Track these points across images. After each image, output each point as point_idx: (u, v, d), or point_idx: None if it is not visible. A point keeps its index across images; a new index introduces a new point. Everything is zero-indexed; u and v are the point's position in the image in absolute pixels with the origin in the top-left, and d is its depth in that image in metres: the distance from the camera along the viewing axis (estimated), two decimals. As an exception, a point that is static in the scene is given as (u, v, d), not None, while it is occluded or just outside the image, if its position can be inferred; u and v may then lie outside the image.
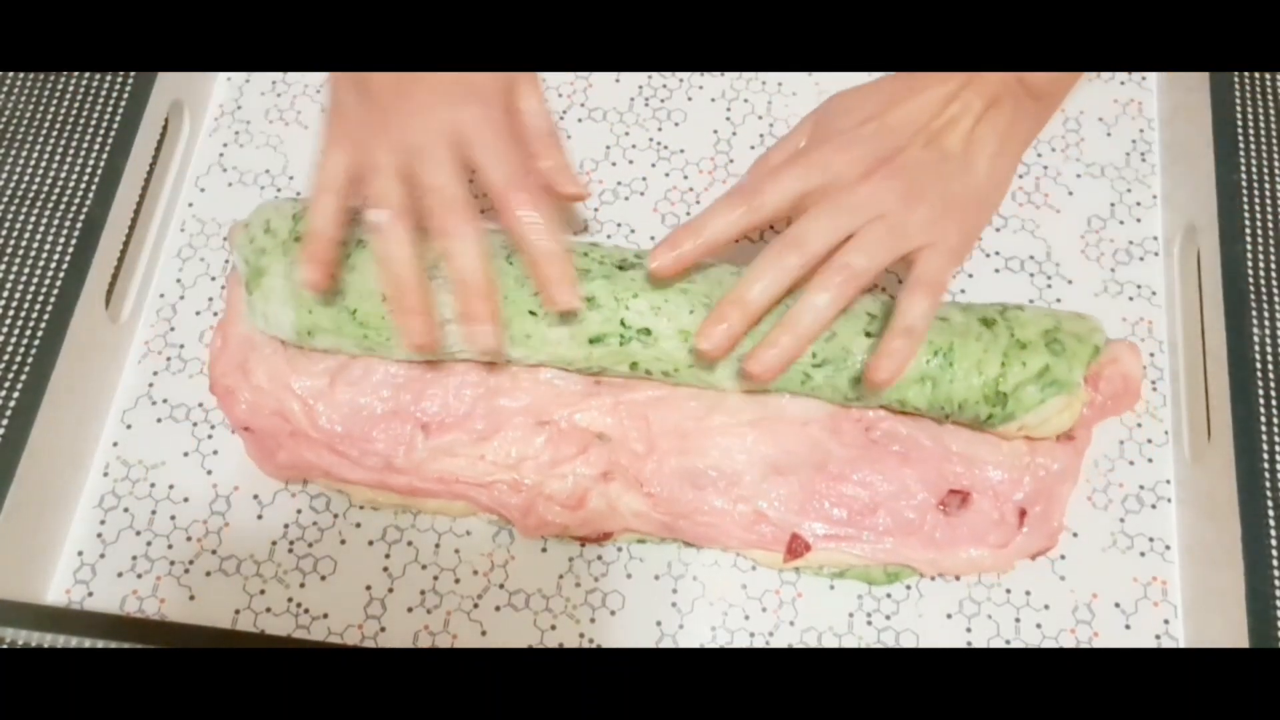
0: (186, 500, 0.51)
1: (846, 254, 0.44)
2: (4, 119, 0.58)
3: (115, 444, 0.52)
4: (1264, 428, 0.49)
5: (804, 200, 0.45)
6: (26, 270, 0.54)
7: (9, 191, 0.56)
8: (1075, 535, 0.50)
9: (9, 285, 0.53)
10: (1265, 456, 0.47)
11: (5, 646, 0.47)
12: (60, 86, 0.60)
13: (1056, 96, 0.49)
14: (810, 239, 0.44)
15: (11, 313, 0.53)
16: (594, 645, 0.48)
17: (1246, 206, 0.55)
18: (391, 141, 0.44)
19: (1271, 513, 0.48)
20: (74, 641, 0.45)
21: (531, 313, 0.46)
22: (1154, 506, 0.50)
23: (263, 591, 0.49)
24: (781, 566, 0.48)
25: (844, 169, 0.44)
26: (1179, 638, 0.48)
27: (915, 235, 0.44)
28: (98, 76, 0.56)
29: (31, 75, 0.60)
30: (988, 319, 0.47)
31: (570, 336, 0.47)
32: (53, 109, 0.59)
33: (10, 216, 0.55)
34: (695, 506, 0.48)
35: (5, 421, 0.49)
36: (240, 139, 0.59)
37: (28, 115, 0.59)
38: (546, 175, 0.47)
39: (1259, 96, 0.58)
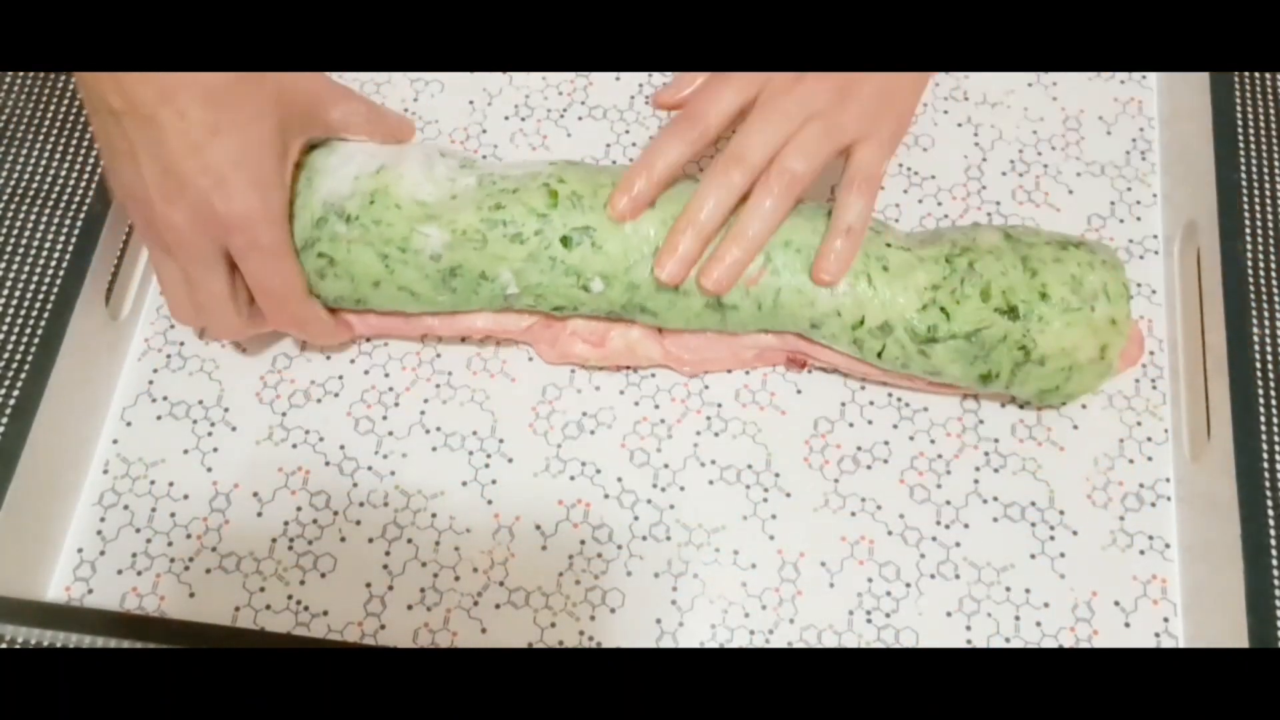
0: (186, 497, 0.51)
1: (784, 159, 0.45)
2: (4, 119, 0.58)
3: (115, 441, 0.52)
4: (1264, 427, 0.49)
5: (744, 113, 0.46)
6: (27, 268, 0.54)
7: (9, 191, 0.56)
8: (1075, 534, 0.50)
9: (9, 283, 0.53)
10: (1265, 455, 0.47)
11: (5, 644, 0.47)
12: (60, 86, 0.60)
13: None
14: (750, 151, 0.45)
15: (12, 310, 0.53)
16: (594, 643, 0.48)
17: (1246, 205, 0.55)
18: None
19: (1271, 512, 0.48)
20: (74, 639, 0.45)
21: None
22: (1154, 505, 0.50)
23: (262, 589, 0.49)
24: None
25: (777, 77, 0.46)
26: (1178, 636, 0.48)
27: (850, 130, 0.46)
28: (98, 75, 0.56)
29: (31, 75, 0.60)
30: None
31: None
32: (53, 109, 0.59)
33: (10, 215, 0.55)
34: (710, 356, 0.51)
35: (5, 419, 0.49)
36: (240, 137, 0.59)
37: (28, 115, 0.59)
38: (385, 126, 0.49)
39: (1259, 96, 0.58)
